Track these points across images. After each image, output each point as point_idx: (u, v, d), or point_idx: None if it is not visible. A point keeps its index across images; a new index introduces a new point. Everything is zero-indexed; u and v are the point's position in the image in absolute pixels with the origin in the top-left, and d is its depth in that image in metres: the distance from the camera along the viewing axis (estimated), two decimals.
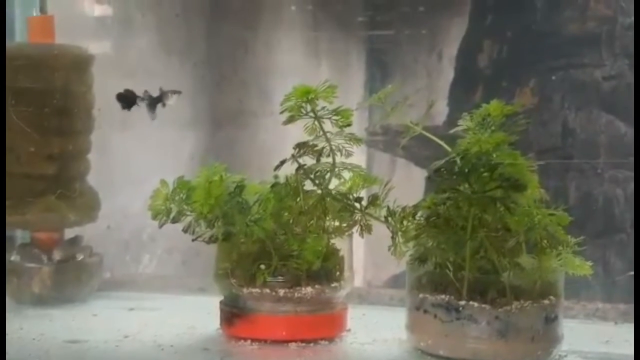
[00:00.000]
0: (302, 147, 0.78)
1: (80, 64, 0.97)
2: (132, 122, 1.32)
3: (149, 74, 1.35)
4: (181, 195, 0.79)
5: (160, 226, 0.80)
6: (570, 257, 0.72)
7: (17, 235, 1.09)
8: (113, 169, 1.26)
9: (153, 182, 0.82)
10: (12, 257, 1.00)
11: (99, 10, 1.33)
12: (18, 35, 1.07)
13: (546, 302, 0.71)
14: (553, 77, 1.44)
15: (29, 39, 1.01)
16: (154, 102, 0.78)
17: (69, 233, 1.04)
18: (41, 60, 0.94)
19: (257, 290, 0.78)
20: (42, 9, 0.99)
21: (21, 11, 1.07)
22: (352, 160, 0.80)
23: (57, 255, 0.99)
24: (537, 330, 0.70)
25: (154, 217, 0.80)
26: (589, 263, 0.73)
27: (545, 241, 0.72)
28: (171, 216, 0.79)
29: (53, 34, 0.98)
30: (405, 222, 0.76)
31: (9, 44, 1.00)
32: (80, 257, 1.01)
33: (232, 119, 1.66)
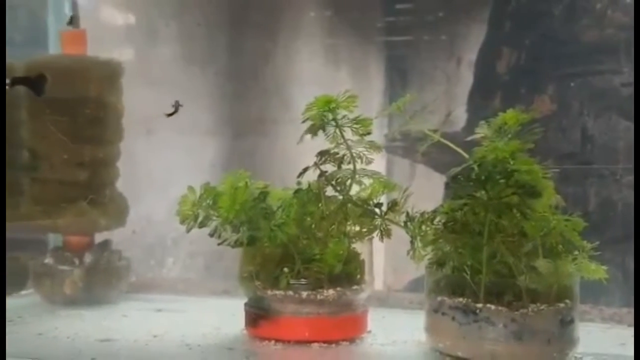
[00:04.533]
0: (324, 155, 0.81)
1: (111, 75, 1.01)
2: (156, 130, 1.36)
3: (172, 83, 1.39)
4: (208, 201, 0.82)
5: (188, 230, 0.82)
6: (585, 262, 0.74)
7: (50, 239, 1.13)
8: (137, 176, 1.29)
9: (175, 189, 0.85)
10: (46, 260, 1.04)
11: (124, 21, 1.37)
12: (52, 46, 1.11)
13: (562, 305, 0.73)
14: (572, 84, 1.44)
15: (62, 51, 1.04)
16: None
17: (98, 237, 1.08)
18: (75, 71, 0.98)
19: (281, 292, 0.81)
20: (75, 23, 1.03)
21: (54, 23, 1.11)
22: (371, 165, 0.82)
23: (88, 258, 1.03)
24: (552, 333, 0.72)
25: (182, 221, 0.83)
26: (606, 267, 0.74)
27: (561, 246, 0.74)
28: (198, 221, 0.82)
29: (85, 47, 1.02)
30: (424, 227, 0.78)
31: (44, 56, 1.05)
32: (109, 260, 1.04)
33: (253, 126, 1.68)
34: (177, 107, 0.88)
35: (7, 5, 1.02)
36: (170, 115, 0.89)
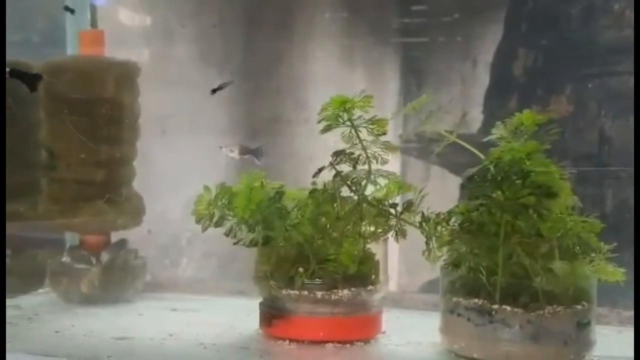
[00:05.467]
0: (339, 155, 0.81)
1: (128, 75, 1.02)
2: (171, 130, 1.37)
3: (188, 84, 1.40)
4: (223, 200, 0.83)
5: (204, 230, 0.83)
6: (603, 264, 0.73)
7: (67, 237, 1.14)
8: (152, 175, 1.30)
9: (190, 188, 0.85)
10: (63, 259, 1.05)
11: (141, 22, 1.38)
12: (70, 47, 1.12)
13: (579, 307, 0.72)
14: (589, 85, 1.43)
15: (80, 51, 1.06)
16: None
17: (115, 236, 1.09)
18: (92, 72, 0.99)
19: (296, 292, 0.81)
20: (93, 24, 1.04)
21: (72, 24, 1.12)
22: (386, 166, 0.82)
23: (104, 257, 1.04)
24: (569, 335, 0.71)
25: (198, 221, 0.83)
26: (624, 270, 0.73)
27: (578, 248, 0.73)
28: (214, 221, 0.82)
29: (103, 47, 1.03)
30: (439, 228, 0.78)
31: (62, 56, 1.06)
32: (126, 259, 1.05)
33: (268, 126, 1.69)
34: (225, 84, 0.89)
35: (25, 7, 1.03)
36: (214, 91, 0.90)
